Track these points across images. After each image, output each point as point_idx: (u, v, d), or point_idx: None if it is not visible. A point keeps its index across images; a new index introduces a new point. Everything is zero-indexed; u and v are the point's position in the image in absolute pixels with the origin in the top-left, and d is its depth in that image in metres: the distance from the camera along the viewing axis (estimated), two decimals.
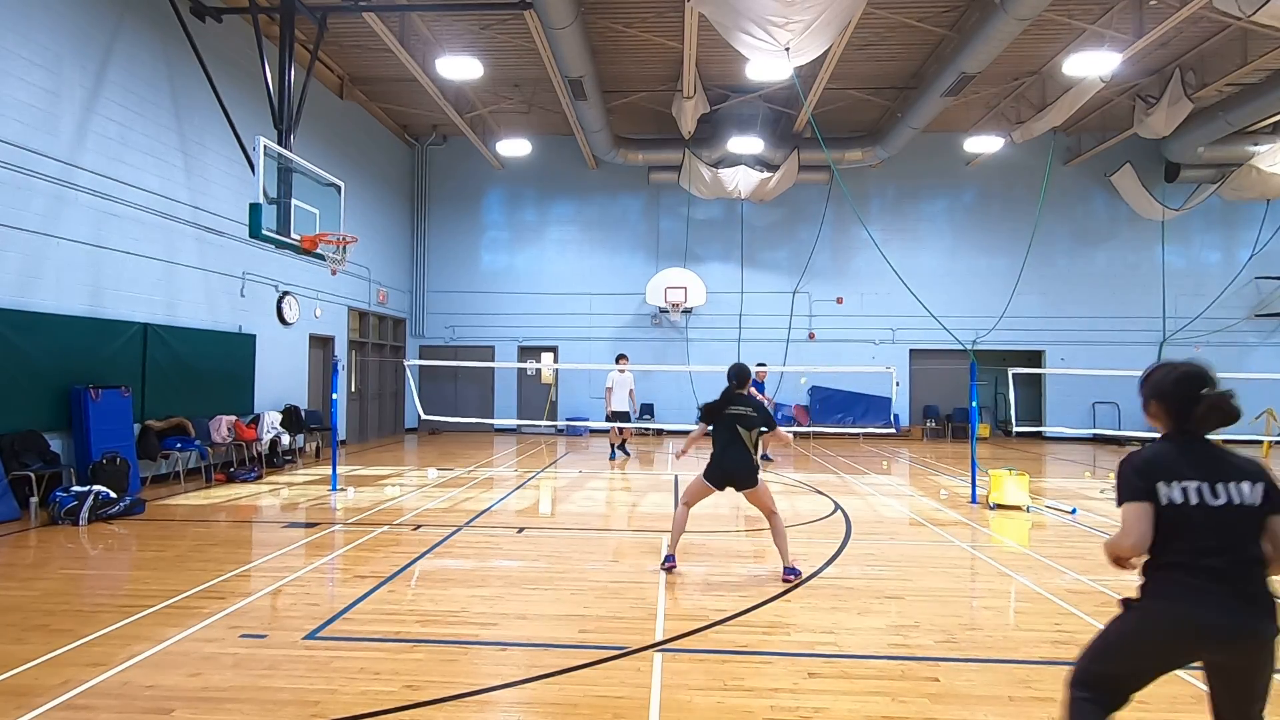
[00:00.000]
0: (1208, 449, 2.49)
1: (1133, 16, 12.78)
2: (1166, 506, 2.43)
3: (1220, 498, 2.41)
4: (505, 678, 4.00)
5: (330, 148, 15.44)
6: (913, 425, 20.24)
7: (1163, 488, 2.44)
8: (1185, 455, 2.48)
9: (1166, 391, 2.56)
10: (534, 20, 12.46)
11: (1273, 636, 2.35)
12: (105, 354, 9.80)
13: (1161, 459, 2.49)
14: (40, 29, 8.97)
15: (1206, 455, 2.48)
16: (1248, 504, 2.40)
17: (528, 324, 20.53)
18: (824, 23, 10.45)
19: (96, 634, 4.53)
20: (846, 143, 18.37)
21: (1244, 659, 2.38)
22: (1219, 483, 2.42)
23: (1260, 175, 16.84)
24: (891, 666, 4.20)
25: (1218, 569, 2.37)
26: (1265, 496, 2.40)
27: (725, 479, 5.98)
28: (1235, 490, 2.41)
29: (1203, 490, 2.42)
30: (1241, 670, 2.40)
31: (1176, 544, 2.43)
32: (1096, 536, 7.66)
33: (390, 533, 7.53)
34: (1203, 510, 2.40)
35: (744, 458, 5.92)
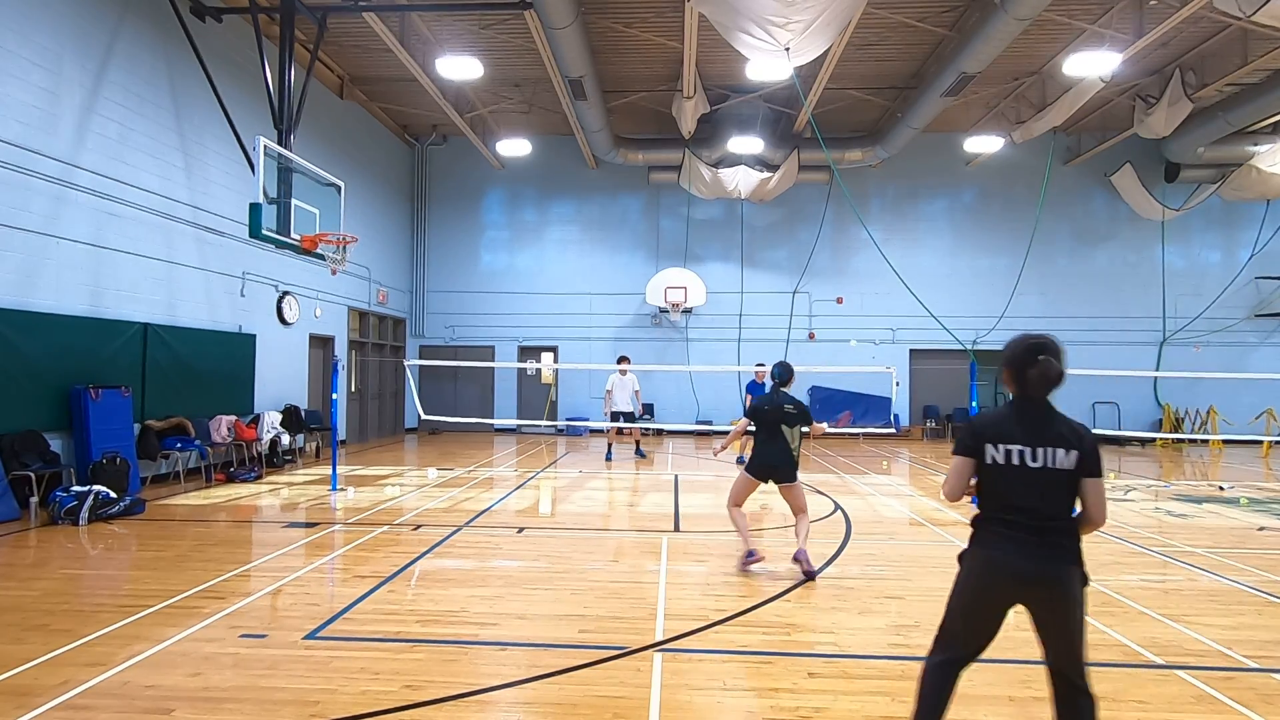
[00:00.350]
0: (1040, 413, 2.78)
1: (1133, 16, 12.78)
2: (990, 465, 2.76)
3: (1039, 461, 2.71)
4: (505, 678, 4.00)
5: (330, 148, 15.44)
6: (913, 425, 20.24)
7: (989, 448, 2.77)
8: (1019, 419, 2.78)
9: (1012, 359, 2.87)
10: (534, 20, 12.46)
11: (1075, 581, 2.65)
12: (105, 354, 9.80)
13: (994, 422, 2.81)
14: (40, 29, 8.97)
15: (1037, 420, 2.77)
16: (1062, 468, 2.70)
17: (528, 324, 20.53)
18: (824, 23, 10.46)
19: (96, 634, 4.53)
20: (846, 143, 18.37)
21: (1052, 600, 2.69)
22: (1040, 447, 2.72)
23: (1260, 175, 16.84)
24: (891, 666, 4.20)
25: (1029, 523, 2.69)
26: (1079, 462, 2.70)
27: (768, 472, 6.15)
28: (1052, 454, 2.71)
29: (1024, 453, 2.72)
30: (1053, 612, 2.71)
31: (996, 498, 2.77)
32: (1096, 536, 7.66)
33: (390, 533, 7.53)
34: (1022, 470, 2.72)
35: (787, 453, 6.11)
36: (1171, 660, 4.30)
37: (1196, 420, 18.85)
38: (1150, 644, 4.54)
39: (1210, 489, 11.26)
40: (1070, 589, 2.67)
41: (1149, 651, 4.43)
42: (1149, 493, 10.83)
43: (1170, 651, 4.43)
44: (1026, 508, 2.71)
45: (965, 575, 2.87)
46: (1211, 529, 8.19)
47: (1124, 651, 4.43)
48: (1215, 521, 8.64)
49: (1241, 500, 10.10)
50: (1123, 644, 4.54)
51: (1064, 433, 2.75)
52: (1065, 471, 2.70)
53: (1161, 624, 4.93)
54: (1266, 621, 5.03)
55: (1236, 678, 4.06)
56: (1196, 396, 18.93)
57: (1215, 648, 4.51)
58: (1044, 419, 2.78)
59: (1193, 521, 8.61)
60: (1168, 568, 6.48)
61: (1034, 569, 2.68)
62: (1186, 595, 5.64)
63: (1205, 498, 10.37)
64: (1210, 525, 8.41)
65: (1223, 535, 7.86)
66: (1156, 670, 4.16)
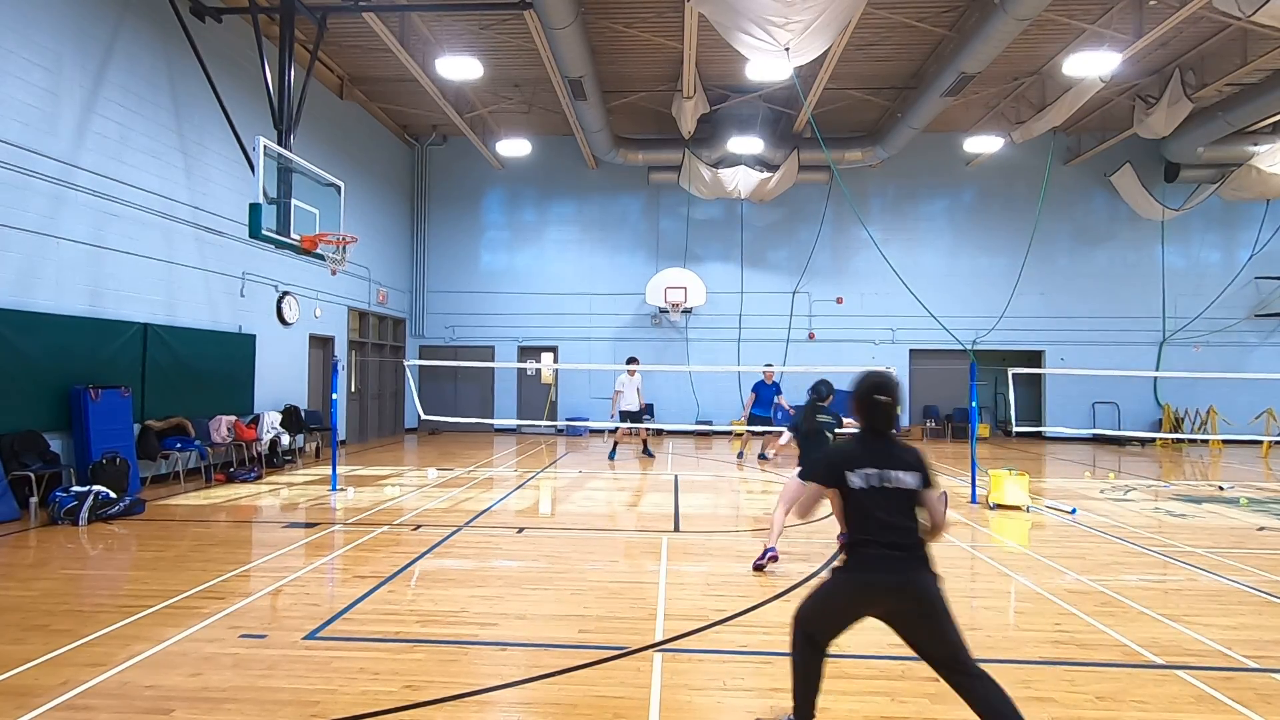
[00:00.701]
0: (883, 443, 3.19)
1: (1132, 17, 12.78)
2: (854, 490, 3.12)
3: (890, 483, 3.11)
4: (505, 678, 4.00)
5: (330, 148, 15.44)
6: (912, 425, 20.23)
7: (850, 475, 3.13)
8: (866, 449, 3.18)
9: (859, 398, 3.24)
10: (534, 20, 12.46)
11: (932, 583, 3.07)
12: (105, 354, 9.80)
13: (849, 454, 3.19)
14: (40, 29, 8.97)
15: (882, 449, 3.17)
16: (908, 487, 3.11)
17: (528, 324, 20.53)
18: (824, 23, 10.46)
19: (96, 634, 4.53)
20: (846, 143, 18.37)
21: (914, 604, 3.07)
22: (889, 470, 3.11)
23: (1260, 175, 16.84)
24: (891, 666, 4.20)
25: (889, 539, 3.08)
26: (922, 480, 3.14)
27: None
28: (899, 476, 3.11)
29: (880, 477, 3.12)
30: (916, 614, 3.08)
31: (861, 520, 3.13)
32: (1096, 536, 7.66)
33: (390, 533, 7.53)
34: (880, 491, 3.11)
35: None
36: (1171, 660, 4.30)
37: (1196, 420, 18.85)
38: (1150, 644, 4.54)
39: (1210, 489, 11.26)
40: (934, 591, 3.06)
41: (1149, 651, 4.43)
42: (1149, 493, 10.83)
43: (1170, 651, 4.43)
44: (888, 524, 3.09)
45: (836, 590, 3.27)
46: (1211, 529, 8.19)
47: (1124, 651, 4.43)
48: (1215, 521, 8.64)
49: (1241, 500, 10.10)
50: (1123, 644, 4.54)
51: (904, 456, 3.16)
52: (911, 490, 3.12)
53: (1161, 624, 4.93)
54: (1266, 621, 5.03)
55: (1236, 678, 4.07)
56: (1196, 396, 18.93)
57: (1215, 648, 4.51)
58: (886, 447, 3.17)
59: (1193, 521, 8.61)
60: (1168, 568, 6.48)
61: (899, 579, 3.07)
62: (1186, 595, 5.64)
63: (1205, 498, 10.37)
64: (1210, 525, 8.41)
65: (1223, 535, 7.86)
66: (1156, 670, 4.16)
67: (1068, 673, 4.11)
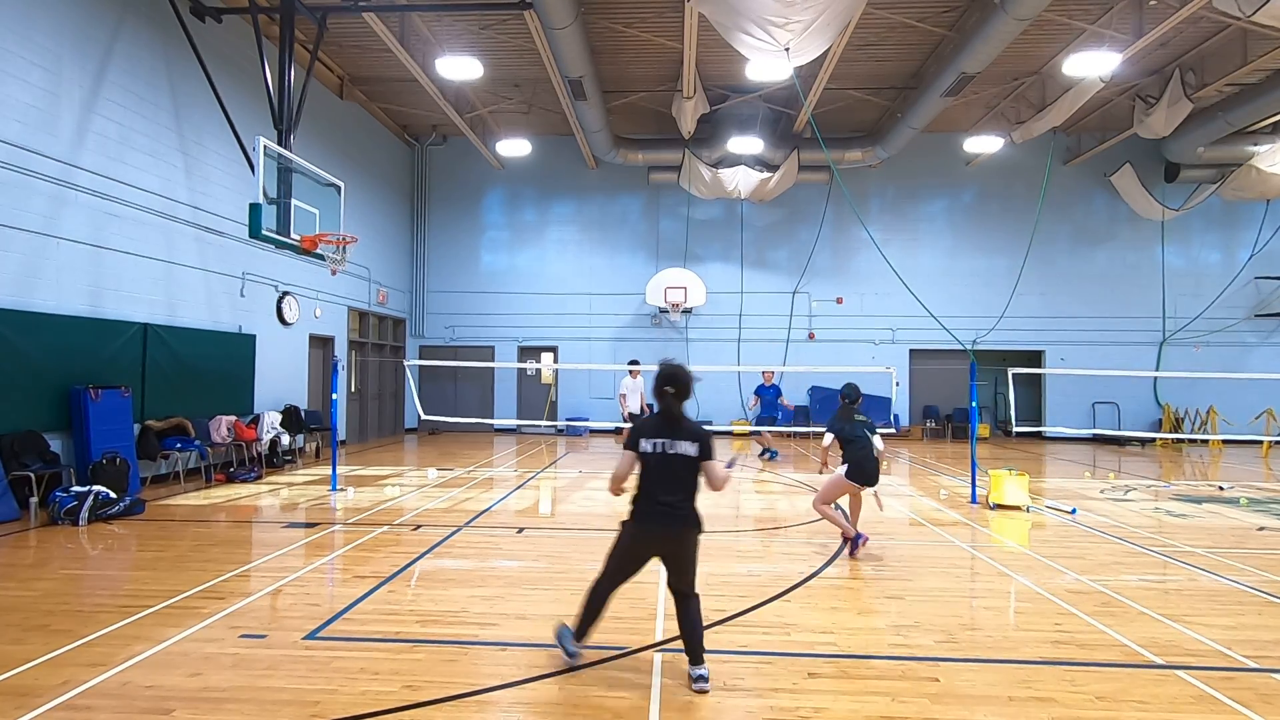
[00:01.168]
0: (673, 419, 4.00)
1: (1132, 17, 12.78)
2: (643, 454, 3.94)
3: (674, 450, 3.91)
4: (505, 678, 4.00)
5: (330, 148, 15.44)
6: (912, 425, 20.24)
7: (643, 443, 3.95)
8: (660, 423, 4.00)
9: (655, 386, 4.03)
10: (534, 20, 12.46)
11: (693, 536, 3.98)
12: (105, 354, 9.80)
13: (646, 425, 4.02)
14: (40, 29, 8.97)
15: (672, 423, 3.98)
16: (689, 455, 3.91)
17: (528, 324, 20.53)
18: (824, 23, 10.46)
19: (96, 634, 4.53)
20: (846, 143, 18.37)
21: (679, 549, 4.00)
22: (674, 440, 3.92)
23: (1260, 175, 16.84)
24: (891, 666, 4.20)
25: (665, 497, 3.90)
26: (700, 450, 3.93)
27: (868, 480, 6.83)
28: (683, 446, 3.91)
29: (663, 445, 3.92)
30: (678, 556, 4.01)
31: (645, 480, 3.95)
32: (1097, 536, 7.66)
33: (390, 533, 7.53)
34: (664, 456, 3.91)
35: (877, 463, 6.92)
36: (1171, 660, 4.30)
37: (1196, 420, 18.85)
38: (1150, 644, 4.54)
39: (1210, 489, 11.26)
40: (690, 543, 4.00)
41: (1149, 651, 4.43)
42: (1149, 493, 10.83)
43: (1170, 651, 4.43)
44: (668, 485, 3.91)
45: (623, 539, 4.08)
46: (1211, 529, 8.19)
47: (1124, 651, 4.43)
48: (1215, 521, 8.64)
49: (1241, 500, 10.10)
50: (1123, 644, 4.55)
51: (690, 430, 3.97)
52: (691, 457, 3.91)
53: (1161, 624, 4.93)
54: (1266, 621, 5.03)
55: (1236, 678, 4.07)
56: (1196, 396, 18.93)
57: (1215, 648, 4.51)
58: (675, 422, 3.99)
59: (1193, 521, 8.61)
60: (1168, 568, 6.48)
61: (671, 530, 3.96)
62: (1186, 595, 5.64)
63: (1205, 498, 10.37)
64: (1210, 525, 8.41)
65: (1222, 535, 7.86)
66: (1156, 670, 4.16)
67: (1068, 673, 4.11)
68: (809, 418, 19.74)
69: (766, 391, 14.62)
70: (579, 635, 4.12)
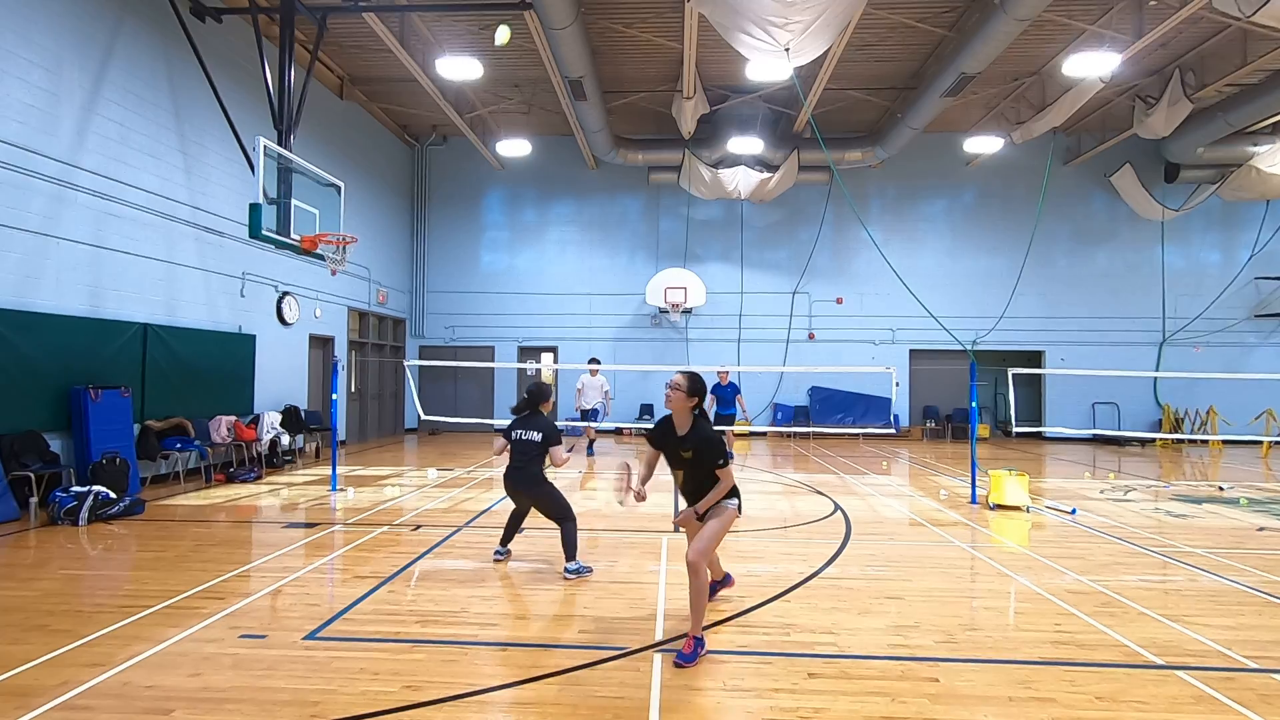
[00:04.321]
0: (535, 416, 6.23)
1: (1132, 17, 12.78)
2: (512, 440, 6.20)
3: (526, 436, 6.15)
4: (505, 678, 4.00)
5: (330, 148, 15.45)
6: (912, 425, 20.25)
7: (514, 430, 6.21)
8: (523, 417, 6.26)
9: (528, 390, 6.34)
10: (534, 20, 12.46)
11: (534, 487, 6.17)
12: (105, 354, 9.80)
13: (514, 420, 6.29)
14: (40, 29, 8.97)
15: (532, 419, 6.22)
16: (535, 440, 6.13)
17: (528, 324, 20.54)
18: (824, 23, 10.46)
19: (96, 634, 4.53)
20: (846, 143, 18.38)
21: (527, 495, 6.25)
22: (527, 430, 6.16)
23: (1260, 175, 16.85)
24: (891, 666, 4.20)
25: (518, 464, 6.16)
26: (543, 438, 6.11)
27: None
28: (531, 434, 6.14)
29: (521, 433, 6.16)
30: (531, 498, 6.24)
31: (512, 454, 6.21)
32: (1097, 537, 7.66)
33: (390, 533, 7.53)
34: (520, 441, 6.16)
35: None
36: (1171, 660, 4.30)
37: (1196, 420, 18.85)
38: (1150, 644, 4.54)
39: (1210, 489, 11.26)
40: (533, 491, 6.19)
41: (1149, 652, 4.43)
42: (1149, 493, 10.83)
43: (1170, 652, 4.43)
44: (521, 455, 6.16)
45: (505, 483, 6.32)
46: (1211, 529, 8.19)
47: (1124, 652, 4.43)
48: (1215, 522, 8.64)
49: (1241, 500, 10.10)
50: (1123, 644, 4.55)
51: (538, 424, 6.16)
52: (535, 441, 6.12)
53: (1161, 624, 4.93)
54: (1266, 622, 5.03)
55: (1236, 678, 4.07)
56: (1196, 396, 18.94)
57: (1215, 648, 4.51)
58: (534, 418, 6.21)
59: (1192, 522, 8.61)
60: (1168, 568, 6.48)
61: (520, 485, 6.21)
62: (1186, 596, 5.64)
63: (1205, 498, 10.37)
64: (1210, 525, 8.41)
65: (1222, 535, 7.86)
66: (1156, 670, 4.16)
67: (1068, 673, 4.11)
68: (809, 418, 19.75)
69: (724, 390, 13.92)
70: (503, 543, 6.53)
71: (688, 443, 4.51)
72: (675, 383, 4.55)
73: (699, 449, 4.47)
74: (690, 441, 4.50)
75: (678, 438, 4.57)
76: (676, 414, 4.59)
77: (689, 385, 4.54)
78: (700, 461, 4.47)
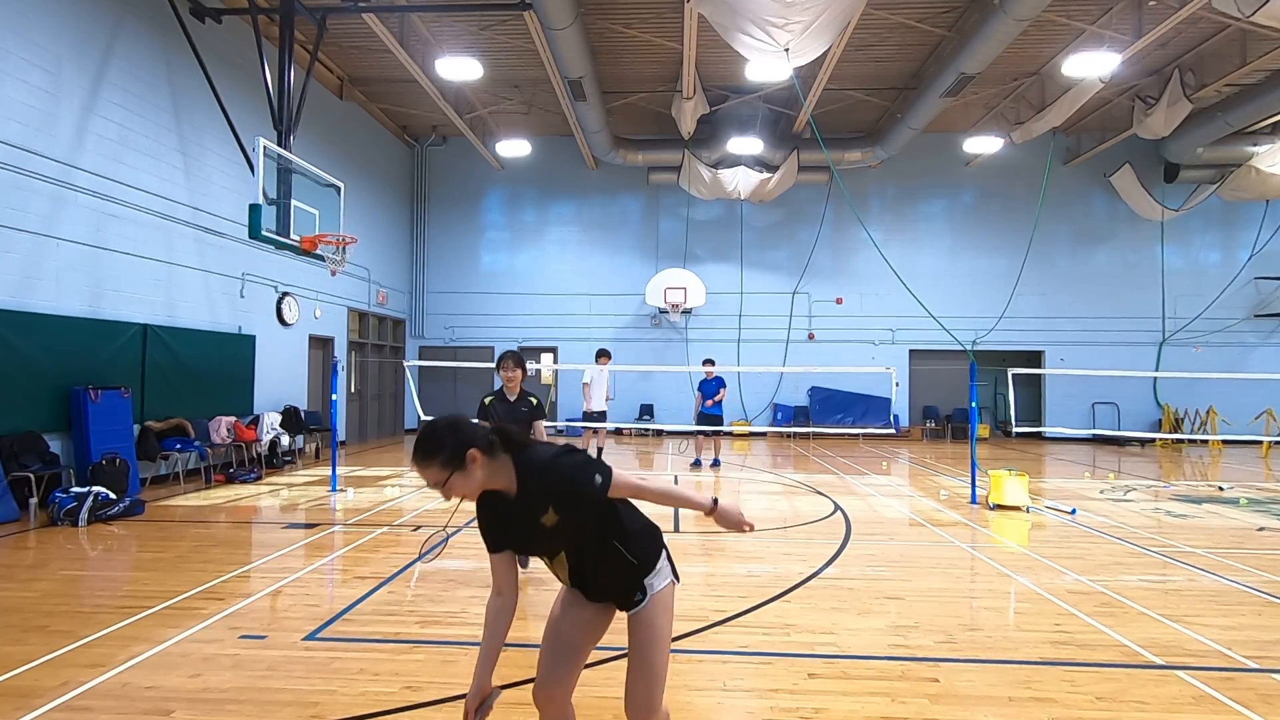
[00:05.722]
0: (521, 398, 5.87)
1: (1132, 17, 12.79)
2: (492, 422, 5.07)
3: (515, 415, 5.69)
4: (505, 678, 4.00)
5: (330, 148, 15.44)
6: (912, 426, 20.24)
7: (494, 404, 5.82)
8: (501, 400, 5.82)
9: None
10: (533, 21, 12.46)
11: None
12: (105, 354, 9.80)
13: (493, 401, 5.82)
14: (40, 29, 8.96)
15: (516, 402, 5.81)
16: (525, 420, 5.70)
17: (528, 324, 20.53)
18: (823, 23, 10.46)
19: (96, 635, 4.53)
20: (846, 143, 18.38)
21: None
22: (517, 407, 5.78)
23: (1259, 175, 16.85)
24: (891, 667, 4.20)
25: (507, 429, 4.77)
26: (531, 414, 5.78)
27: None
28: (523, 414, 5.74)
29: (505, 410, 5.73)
30: None
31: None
32: (1096, 537, 7.66)
33: (390, 533, 7.53)
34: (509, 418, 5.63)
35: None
36: (1171, 660, 4.30)
37: (1196, 420, 18.85)
38: (1150, 644, 4.54)
39: (1210, 489, 11.26)
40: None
41: (1149, 652, 4.42)
42: (1149, 493, 10.83)
43: (1170, 652, 4.43)
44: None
45: None
46: (1211, 529, 8.19)
47: (1124, 652, 4.43)
48: (1215, 522, 8.64)
49: (1241, 500, 10.10)
50: (1123, 644, 4.54)
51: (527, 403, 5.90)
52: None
53: (1161, 624, 4.93)
54: (1266, 622, 5.03)
55: (1236, 678, 4.06)
56: (1196, 397, 18.93)
57: (1215, 648, 4.51)
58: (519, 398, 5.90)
59: (1192, 522, 8.61)
60: (1168, 568, 6.48)
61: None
62: (1186, 596, 5.64)
63: (1205, 498, 10.37)
64: (1210, 525, 8.41)
65: (1222, 535, 7.86)
66: (1156, 670, 4.16)
67: (1068, 673, 4.11)
68: (809, 418, 19.75)
69: (708, 385, 13.16)
70: None
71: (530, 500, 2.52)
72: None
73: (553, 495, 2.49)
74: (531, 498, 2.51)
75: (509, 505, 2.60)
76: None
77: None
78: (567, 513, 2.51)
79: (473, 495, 2.51)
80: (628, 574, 2.60)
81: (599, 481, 2.44)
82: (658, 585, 2.63)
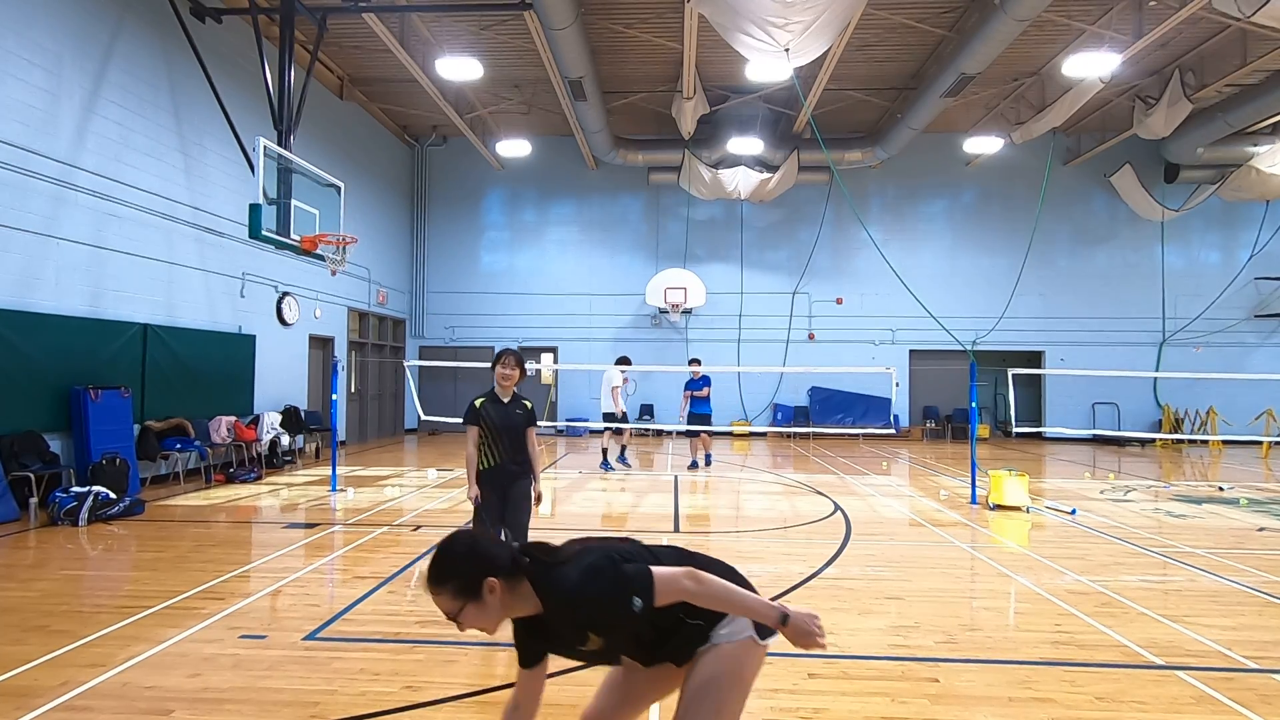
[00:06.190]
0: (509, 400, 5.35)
1: (1132, 17, 12.78)
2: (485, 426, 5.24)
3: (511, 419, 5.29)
4: (505, 678, 4.00)
5: (330, 148, 15.44)
6: (912, 426, 20.24)
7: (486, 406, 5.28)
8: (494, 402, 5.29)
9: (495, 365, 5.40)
10: (534, 21, 12.46)
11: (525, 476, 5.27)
12: (105, 354, 9.80)
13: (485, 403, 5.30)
14: (40, 29, 8.97)
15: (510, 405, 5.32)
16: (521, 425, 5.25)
17: (528, 324, 20.53)
18: (824, 23, 10.46)
19: (96, 635, 4.53)
20: (846, 143, 18.37)
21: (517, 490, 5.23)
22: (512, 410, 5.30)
23: (1260, 176, 16.84)
24: (891, 667, 4.20)
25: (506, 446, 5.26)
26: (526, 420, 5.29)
27: None
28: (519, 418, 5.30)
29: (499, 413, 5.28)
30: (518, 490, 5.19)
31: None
32: (1096, 537, 7.66)
33: (390, 533, 7.53)
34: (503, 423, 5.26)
35: None
36: (1171, 661, 4.30)
37: (1196, 421, 18.85)
38: (1150, 644, 4.54)
39: (1210, 489, 11.25)
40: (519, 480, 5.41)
41: (1149, 652, 4.42)
42: (1149, 493, 10.83)
43: (1170, 652, 4.43)
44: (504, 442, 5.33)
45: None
46: (1211, 529, 8.19)
47: (1124, 652, 4.43)
48: (1215, 522, 8.64)
49: (1241, 501, 10.10)
50: (1123, 644, 4.54)
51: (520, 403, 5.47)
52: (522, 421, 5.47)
53: (1161, 624, 4.93)
54: (1266, 622, 5.03)
55: (1236, 678, 4.06)
56: (1196, 397, 18.93)
57: (1215, 648, 4.51)
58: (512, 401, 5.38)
59: (1192, 522, 8.61)
60: (1168, 568, 6.48)
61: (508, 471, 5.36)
62: (1186, 596, 5.64)
63: (1205, 498, 10.37)
64: (1210, 526, 8.41)
65: (1222, 536, 7.86)
66: (1156, 671, 4.16)
67: (1068, 673, 4.11)
68: (809, 418, 19.75)
69: (695, 383, 12.94)
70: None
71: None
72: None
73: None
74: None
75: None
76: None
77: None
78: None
79: (491, 629, 2.18)
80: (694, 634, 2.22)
81: (638, 606, 2.03)
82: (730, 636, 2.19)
